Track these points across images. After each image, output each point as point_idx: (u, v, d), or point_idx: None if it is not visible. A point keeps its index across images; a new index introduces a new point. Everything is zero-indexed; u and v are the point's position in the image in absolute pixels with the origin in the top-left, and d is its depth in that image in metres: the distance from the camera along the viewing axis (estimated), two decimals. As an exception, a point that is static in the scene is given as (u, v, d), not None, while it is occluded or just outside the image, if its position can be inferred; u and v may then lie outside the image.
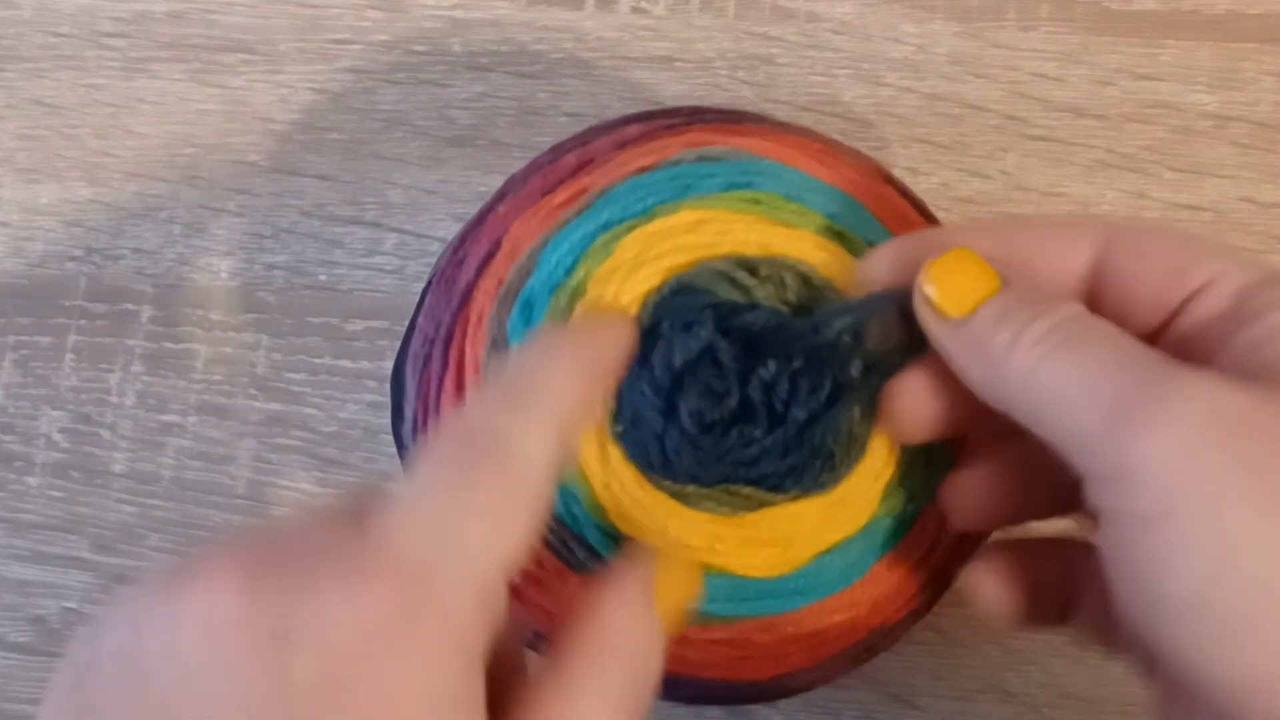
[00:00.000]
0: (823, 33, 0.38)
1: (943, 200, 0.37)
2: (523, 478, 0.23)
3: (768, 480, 0.28)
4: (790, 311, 0.28)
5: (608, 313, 0.27)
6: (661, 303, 0.28)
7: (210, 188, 0.38)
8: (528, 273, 0.28)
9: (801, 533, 0.28)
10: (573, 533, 0.28)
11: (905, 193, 0.30)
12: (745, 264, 0.28)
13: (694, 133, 0.29)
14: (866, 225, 0.29)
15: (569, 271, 0.28)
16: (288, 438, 0.36)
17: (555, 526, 0.28)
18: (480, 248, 0.29)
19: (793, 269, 0.28)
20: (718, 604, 0.28)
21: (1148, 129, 0.37)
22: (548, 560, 0.28)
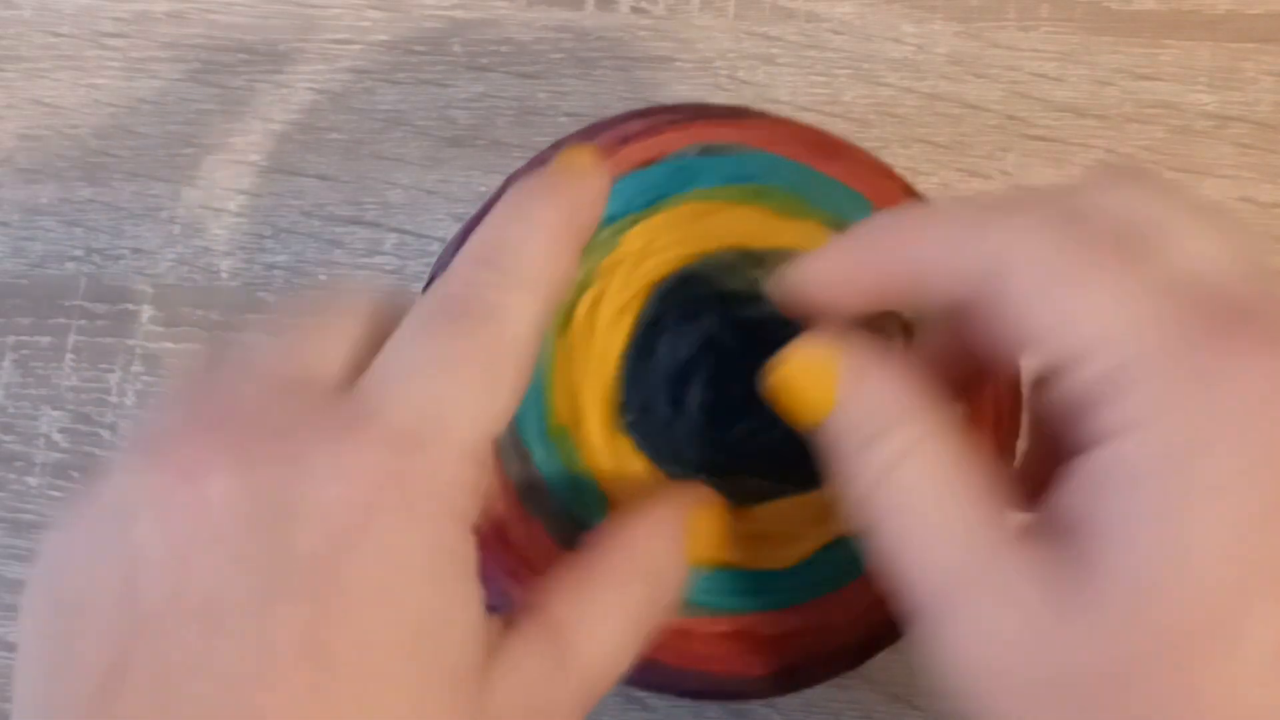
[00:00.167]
0: (823, 33, 0.38)
1: (943, 200, 0.37)
2: (509, 346, 0.23)
3: (774, 472, 0.28)
4: None
5: (580, 162, 0.26)
6: (667, 294, 0.28)
7: (210, 187, 0.38)
8: None
9: (807, 526, 0.28)
10: (583, 526, 0.27)
11: (906, 187, 0.30)
12: (750, 255, 0.28)
13: (697, 127, 0.29)
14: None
15: None
16: (288, 438, 0.36)
17: (564, 520, 0.28)
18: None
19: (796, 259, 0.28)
20: (722, 597, 0.28)
21: (1148, 129, 0.37)
22: (557, 555, 0.28)
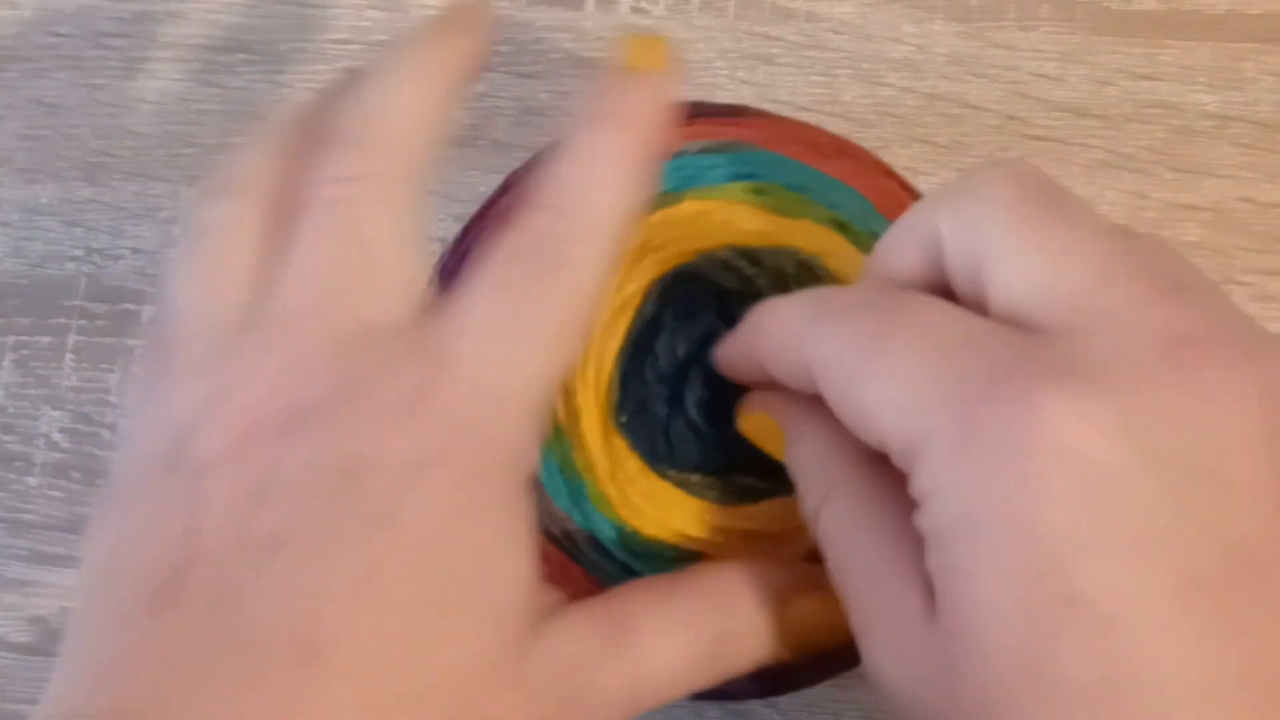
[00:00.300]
0: (823, 33, 0.38)
1: (943, 200, 0.37)
2: (576, 299, 0.24)
3: (769, 471, 0.28)
4: None
5: (646, 59, 0.26)
6: (665, 292, 0.28)
7: (210, 188, 0.38)
8: None
9: (802, 525, 0.28)
10: (580, 529, 0.28)
11: (906, 186, 0.30)
12: (747, 253, 0.28)
13: (697, 125, 0.29)
14: (869, 217, 0.29)
15: None
16: (288, 438, 0.36)
17: (559, 519, 0.28)
18: (485, 239, 0.29)
19: (795, 258, 0.28)
20: None
21: (1148, 129, 0.37)
22: (554, 557, 0.28)
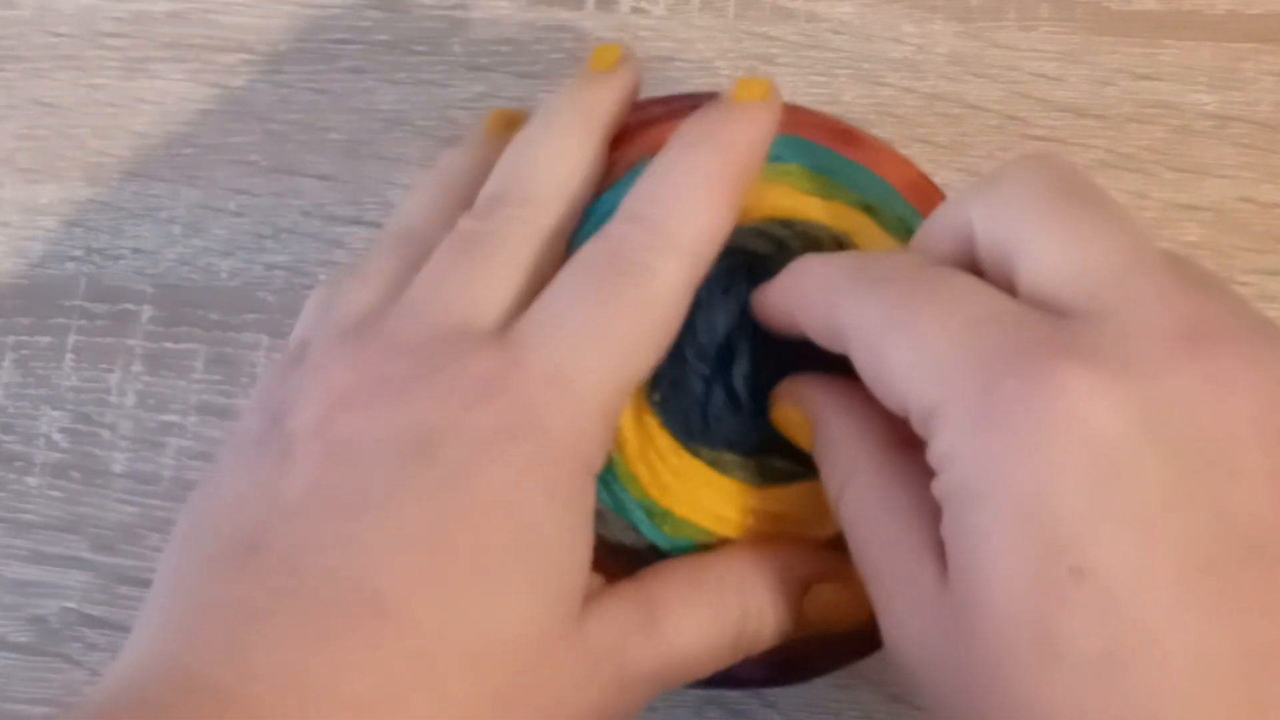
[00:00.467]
0: (822, 33, 0.38)
1: (943, 200, 0.37)
2: (654, 308, 0.25)
3: (802, 453, 0.27)
4: None
5: (746, 94, 0.27)
6: None
7: (210, 187, 0.38)
8: None
9: (828, 510, 0.28)
10: (607, 508, 0.27)
11: (925, 177, 0.30)
12: (783, 223, 0.28)
13: None
14: (894, 201, 0.29)
15: None
16: (288, 438, 0.36)
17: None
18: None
19: (827, 232, 0.28)
20: None
21: (1148, 129, 0.37)
22: None
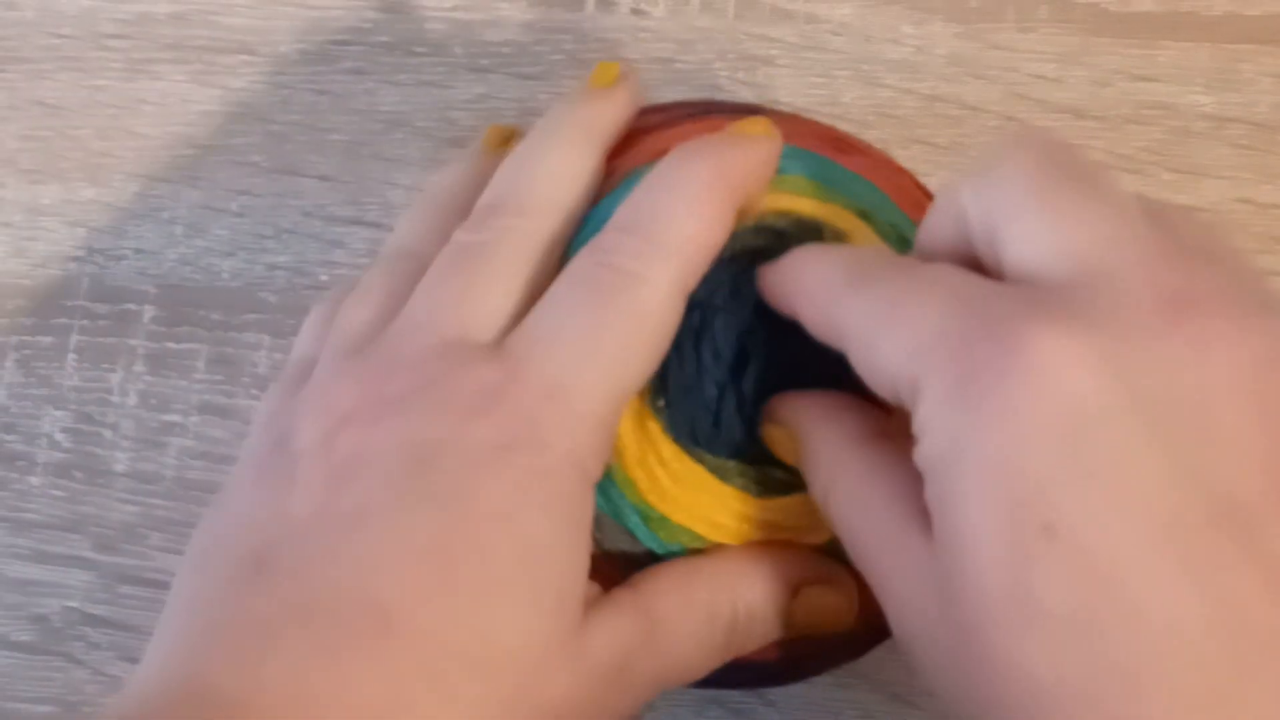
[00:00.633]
0: (822, 34, 0.38)
1: (942, 201, 0.37)
2: (645, 316, 0.25)
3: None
4: None
5: (742, 127, 0.27)
6: (711, 272, 0.27)
7: (212, 188, 0.38)
8: None
9: (820, 526, 0.28)
10: (603, 512, 0.27)
11: (919, 184, 0.30)
12: (779, 215, 0.28)
13: (711, 121, 0.29)
14: (889, 209, 0.29)
15: None
16: (289, 437, 0.36)
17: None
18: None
19: (828, 230, 0.28)
20: None
21: (1146, 130, 0.37)
22: None
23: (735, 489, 0.28)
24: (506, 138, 0.31)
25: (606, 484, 0.27)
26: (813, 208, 0.28)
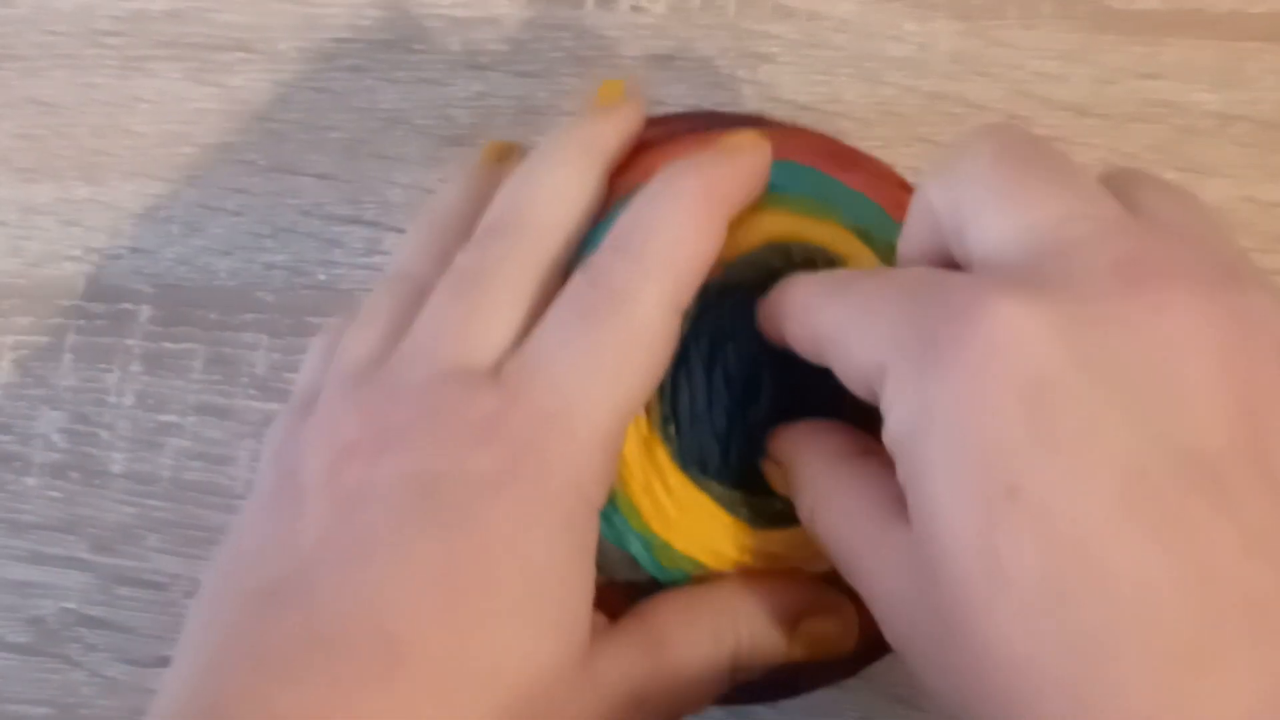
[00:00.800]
0: (823, 31, 0.38)
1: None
2: (639, 336, 0.25)
3: None
4: None
5: (732, 142, 0.27)
6: (718, 296, 0.28)
7: (209, 187, 0.38)
8: None
9: (817, 558, 0.27)
10: (607, 541, 0.27)
11: None
12: (777, 249, 0.28)
13: (714, 135, 0.29)
14: (889, 228, 0.28)
15: None
16: (287, 438, 0.36)
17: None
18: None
19: (825, 255, 0.28)
20: None
21: (1150, 128, 0.37)
22: None
23: (739, 519, 0.28)
24: (504, 153, 0.31)
25: (610, 510, 0.27)
26: (811, 229, 0.28)
